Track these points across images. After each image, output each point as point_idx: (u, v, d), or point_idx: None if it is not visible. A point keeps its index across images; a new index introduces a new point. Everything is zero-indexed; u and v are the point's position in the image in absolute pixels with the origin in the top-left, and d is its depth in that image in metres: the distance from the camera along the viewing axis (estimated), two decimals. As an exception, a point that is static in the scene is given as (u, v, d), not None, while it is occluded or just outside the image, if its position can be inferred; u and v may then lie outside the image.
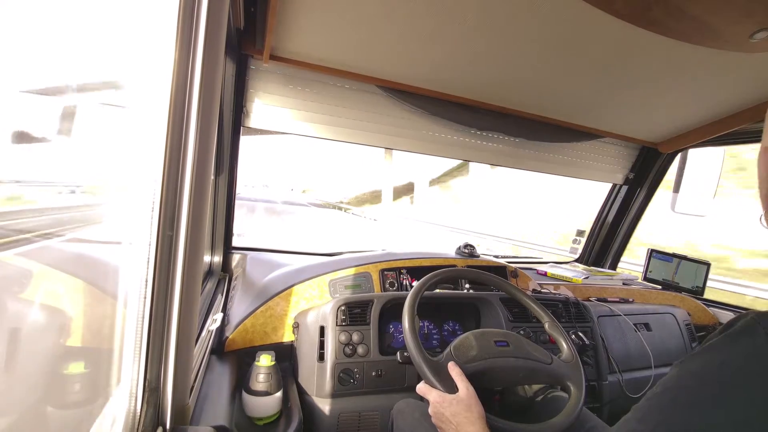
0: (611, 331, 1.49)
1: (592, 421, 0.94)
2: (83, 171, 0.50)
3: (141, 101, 0.50)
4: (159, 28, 0.46)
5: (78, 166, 0.48)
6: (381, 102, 1.51)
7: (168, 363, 0.50)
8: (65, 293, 0.47)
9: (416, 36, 1.12)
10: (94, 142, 0.50)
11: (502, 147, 1.81)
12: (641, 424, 0.40)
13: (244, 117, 1.37)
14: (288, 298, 1.28)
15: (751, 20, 0.93)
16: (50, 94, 0.40)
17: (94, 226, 0.54)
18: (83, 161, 0.49)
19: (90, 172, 0.51)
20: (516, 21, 1.04)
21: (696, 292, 1.98)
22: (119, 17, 0.49)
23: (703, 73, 1.25)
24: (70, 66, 0.41)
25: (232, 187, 1.45)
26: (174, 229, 0.48)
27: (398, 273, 1.46)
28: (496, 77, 1.35)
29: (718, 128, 1.64)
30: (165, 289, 0.49)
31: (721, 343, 0.39)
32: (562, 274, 1.89)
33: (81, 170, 0.49)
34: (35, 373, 0.41)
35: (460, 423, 0.74)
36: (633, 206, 2.17)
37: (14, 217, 0.37)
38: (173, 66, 0.46)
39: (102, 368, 0.49)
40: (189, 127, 0.48)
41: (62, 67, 0.40)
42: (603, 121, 1.71)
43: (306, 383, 1.09)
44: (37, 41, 0.35)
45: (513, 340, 0.95)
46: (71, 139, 0.45)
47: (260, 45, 1.17)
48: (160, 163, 0.47)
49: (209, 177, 0.52)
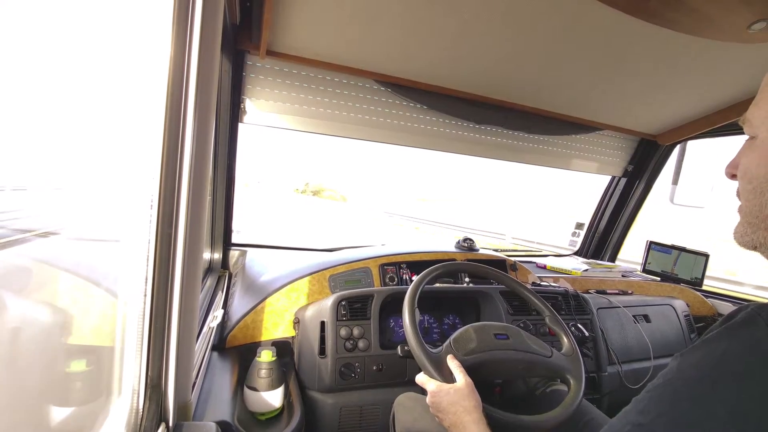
0: (610, 323, 1.50)
1: (591, 413, 0.95)
2: (80, 169, 0.49)
3: (137, 99, 0.50)
4: (154, 25, 0.46)
5: (75, 163, 0.48)
6: (378, 96, 1.51)
7: (169, 360, 0.51)
8: (65, 291, 0.47)
9: (413, 30, 1.11)
10: (91, 140, 0.50)
11: (501, 140, 1.80)
12: (642, 416, 0.40)
13: (242, 113, 1.37)
14: (288, 294, 1.28)
15: (749, 10, 0.93)
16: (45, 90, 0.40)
17: (93, 224, 0.54)
18: (80, 159, 0.49)
19: (87, 170, 0.51)
20: (514, 14, 1.03)
21: (695, 283, 1.98)
22: (113, 13, 0.49)
23: (701, 64, 1.25)
24: (65, 63, 0.41)
25: (231, 183, 1.45)
26: (173, 227, 0.48)
27: (398, 267, 1.46)
28: (494, 70, 1.35)
29: (717, 119, 1.63)
30: (165, 286, 0.49)
31: (722, 335, 0.39)
32: (561, 267, 1.90)
33: (78, 168, 0.49)
34: (37, 372, 0.41)
35: (458, 412, 0.75)
36: (632, 198, 2.18)
37: (12, 216, 0.37)
38: (169, 63, 0.46)
39: (104, 366, 0.49)
40: (186, 124, 0.47)
41: (57, 64, 0.40)
42: (601, 114, 1.71)
43: (307, 378, 1.10)
44: (31, 37, 0.35)
45: (513, 333, 0.96)
46: (67, 137, 0.45)
47: (256, 40, 1.17)
48: (158, 161, 0.47)
49: (207, 173, 0.52)
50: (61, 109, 0.42)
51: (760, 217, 0.43)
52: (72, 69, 0.42)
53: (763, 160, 0.42)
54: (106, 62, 0.48)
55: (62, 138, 0.44)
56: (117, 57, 0.49)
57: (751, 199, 0.44)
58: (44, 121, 0.40)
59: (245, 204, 19.15)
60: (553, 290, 1.47)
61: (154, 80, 0.46)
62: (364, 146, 32.14)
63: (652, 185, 2.14)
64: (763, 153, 0.42)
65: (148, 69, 0.47)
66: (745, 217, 0.45)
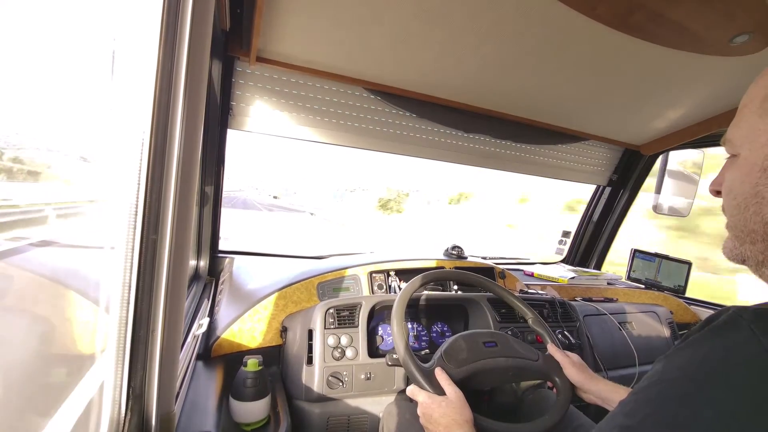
0: (597, 330, 1.52)
1: (580, 419, 0.96)
2: (63, 172, 0.48)
3: (124, 102, 0.49)
4: (142, 30, 0.45)
5: (57, 167, 0.47)
6: (368, 105, 1.51)
7: (153, 369, 0.49)
8: (42, 298, 0.45)
9: (403, 39, 1.13)
10: (75, 144, 0.49)
11: (488, 149, 1.83)
12: (628, 418, 0.40)
13: (231, 119, 1.36)
14: (276, 301, 1.27)
15: (731, 24, 0.96)
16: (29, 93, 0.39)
17: (74, 229, 0.53)
18: (63, 162, 0.48)
19: (70, 174, 0.50)
20: (502, 25, 1.05)
21: (678, 290, 2.02)
22: (101, 14, 0.48)
23: (684, 76, 1.29)
24: (52, 67, 0.40)
25: (219, 189, 1.44)
26: (158, 233, 0.47)
27: (387, 275, 1.46)
28: (482, 81, 1.37)
29: (699, 130, 1.68)
30: (149, 293, 0.48)
31: (705, 336, 0.40)
32: (548, 275, 1.92)
33: (60, 172, 0.48)
34: (11, 380, 0.39)
35: (449, 425, 0.74)
36: (617, 207, 2.22)
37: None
38: (157, 67, 0.45)
39: (83, 375, 0.48)
40: (174, 129, 0.47)
41: (44, 67, 0.39)
42: (587, 124, 1.74)
43: (294, 387, 1.08)
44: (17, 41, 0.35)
45: (500, 339, 0.96)
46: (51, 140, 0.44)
47: (246, 47, 1.16)
48: (144, 166, 0.46)
49: (195, 179, 0.52)
50: (43, 111, 0.42)
51: (746, 231, 0.44)
52: (57, 71, 0.42)
53: (746, 177, 0.44)
54: (93, 65, 0.47)
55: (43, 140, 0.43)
56: (104, 60, 0.48)
57: (736, 215, 0.45)
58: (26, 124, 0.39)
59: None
60: (540, 298, 1.48)
61: (141, 84, 0.45)
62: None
63: (636, 194, 2.19)
64: (745, 170, 0.44)
65: (136, 73, 0.46)
66: (732, 231, 0.47)
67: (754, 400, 0.34)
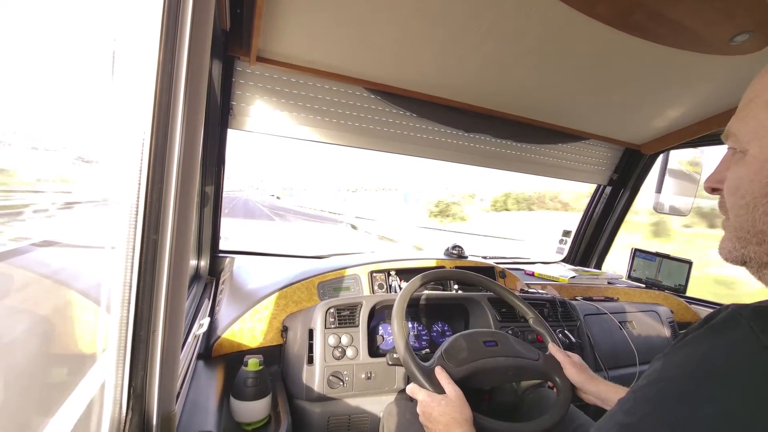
0: (597, 330, 1.52)
1: (580, 419, 0.96)
2: (63, 173, 0.48)
3: (124, 102, 0.49)
4: (142, 30, 0.45)
5: (58, 166, 0.47)
6: (368, 104, 1.51)
7: (153, 369, 0.49)
8: (44, 298, 0.45)
9: (404, 39, 1.13)
10: (76, 144, 0.49)
11: (489, 149, 1.82)
12: (628, 416, 0.40)
13: (231, 119, 1.36)
14: (276, 301, 1.27)
15: (731, 23, 0.96)
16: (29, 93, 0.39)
17: (75, 229, 0.53)
18: (64, 162, 0.48)
19: (70, 174, 0.50)
20: (502, 25, 1.05)
21: (678, 290, 2.02)
22: (101, 15, 0.48)
23: (684, 75, 1.28)
24: (52, 67, 0.41)
25: (219, 189, 1.44)
26: (159, 233, 0.48)
27: (387, 275, 1.46)
28: (482, 80, 1.36)
29: (699, 130, 1.68)
30: (150, 293, 0.48)
31: (704, 335, 0.39)
32: (549, 274, 1.92)
33: (60, 172, 0.48)
34: (11, 380, 0.39)
35: (449, 423, 0.74)
36: (617, 206, 2.22)
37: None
38: (157, 68, 0.45)
39: (84, 375, 0.48)
40: (174, 129, 0.47)
41: (45, 68, 0.39)
42: (587, 123, 1.74)
43: (295, 387, 1.08)
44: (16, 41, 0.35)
45: (501, 338, 0.96)
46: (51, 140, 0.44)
47: (246, 47, 1.16)
48: (145, 166, 0.46)
49: (195, 179, 0.52)
50: (44, 112, 0.42)
51: (752, 232, 0.42)
52: (57, 71, 0.42)
53: (755, 175, 0.41)
54: (93, 65, 0.47)
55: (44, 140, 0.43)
56: (104, 61, 0.48)
57: (743, 215, 0.43)
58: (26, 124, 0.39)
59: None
60: (540, 297, 1.48)
61: (142, 85, 0.45)
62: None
63: (636, 193, 2.19)
64: (755, 168, 0.42)
65: (137, 73, 0.46)
66: (735, 232, 0.44)
67: (753, 397, 0.33)
